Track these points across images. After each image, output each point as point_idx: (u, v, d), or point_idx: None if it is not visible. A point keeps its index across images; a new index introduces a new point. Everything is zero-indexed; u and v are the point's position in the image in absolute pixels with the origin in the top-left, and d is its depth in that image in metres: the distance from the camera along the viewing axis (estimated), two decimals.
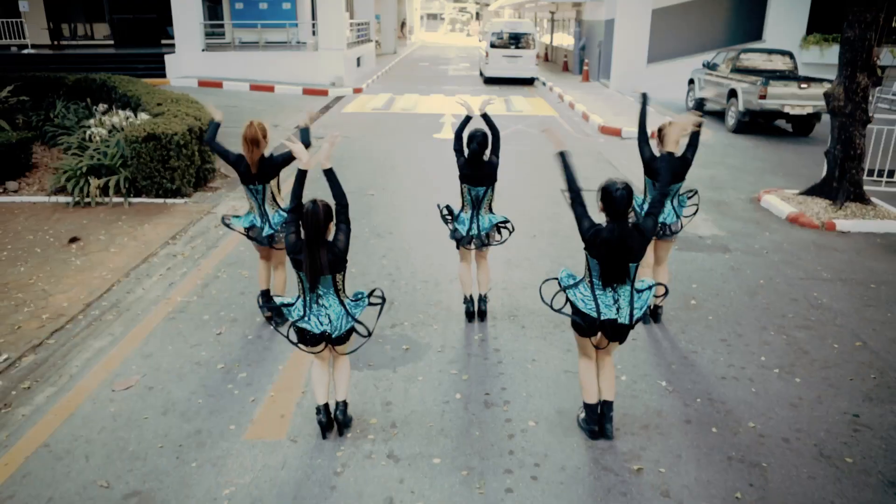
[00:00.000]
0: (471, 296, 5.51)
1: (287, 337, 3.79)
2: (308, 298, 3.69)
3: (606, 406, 3.98)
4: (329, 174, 3.72)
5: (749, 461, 3.83)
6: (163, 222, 8.08)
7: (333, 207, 3.69)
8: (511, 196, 8.70)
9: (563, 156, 3.75)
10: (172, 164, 8.77)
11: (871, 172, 9.62)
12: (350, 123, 14.52)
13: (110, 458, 3.85)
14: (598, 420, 3.96)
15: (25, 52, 20.87)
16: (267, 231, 5.20)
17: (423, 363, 4.89)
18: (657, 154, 4.94)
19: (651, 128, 5.34)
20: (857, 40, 7.91)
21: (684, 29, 21.05)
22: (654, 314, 5.52)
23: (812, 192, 8.77)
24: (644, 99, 5.33)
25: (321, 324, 3.67)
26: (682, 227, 5.29)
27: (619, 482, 3.66)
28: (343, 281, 3.75)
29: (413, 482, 3.65)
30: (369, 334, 3.81)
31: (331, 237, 3.65)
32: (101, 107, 11.43)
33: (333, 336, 3.70)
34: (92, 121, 10.16)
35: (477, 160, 5.01)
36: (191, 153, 9.07)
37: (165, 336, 5.31)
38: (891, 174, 9.49)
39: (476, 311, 5.54)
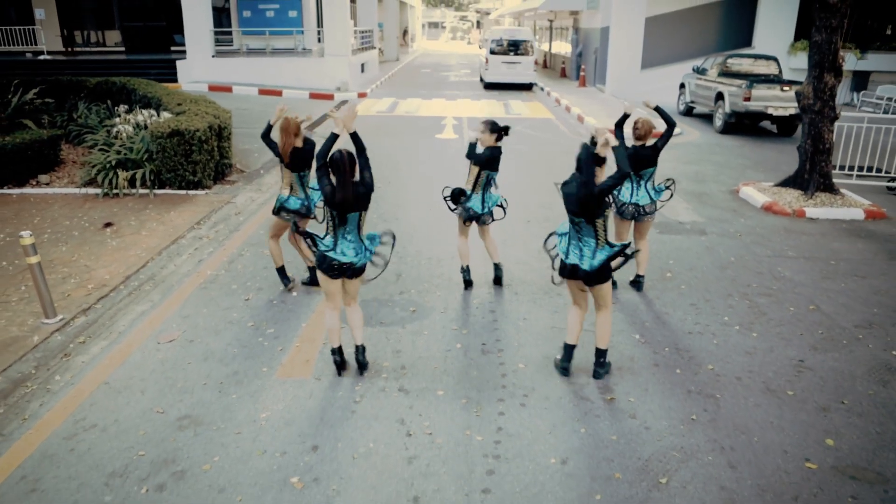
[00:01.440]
0: (467, 266, 6.22)
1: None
2: (337, 233, 4.38)
3: (598, 352, 4.67)
4: (354, 136, 4.44)
5: (705, 393, 4.52)
6: (187, 210, 8.78)
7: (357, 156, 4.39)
8: (509, 188, 9.41)
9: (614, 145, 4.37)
10: (195, 158, 9.48)
11: (843, 167, 10.35)
12: (355, 125, 15.22)
13: (162, 392, 4.54)
14: (569, 358, 4.67)
15: (41, 58, 21.65)
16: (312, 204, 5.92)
17: (428, 321, 5.59)
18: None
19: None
20: (823, 43, 8.63)
21: (677, 36, 21.82)
22: (635, 283, 6.22)
23: (786, 183, 9.47)
24: (658, 110, 6.02)
25: (345, 255, 4.37)
26: (656, 208, 5.99)
27: (594, 408, 4.34)
28: (363, 221, 4.44)
29: (421, 408, 4.34)
30: (385, 265, 4.52)
31: (357, 178, 4.36)
32: (123, 107, 12.14)
33: (356, 265, 4.38)
34: (118, 119, 10.87)
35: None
36: (211, 148, 9.79)
37: (199, 301, 6.00)
38: (861, 169, 10.20)
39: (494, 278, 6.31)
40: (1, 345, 5.19)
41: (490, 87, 24.43)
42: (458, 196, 5.98)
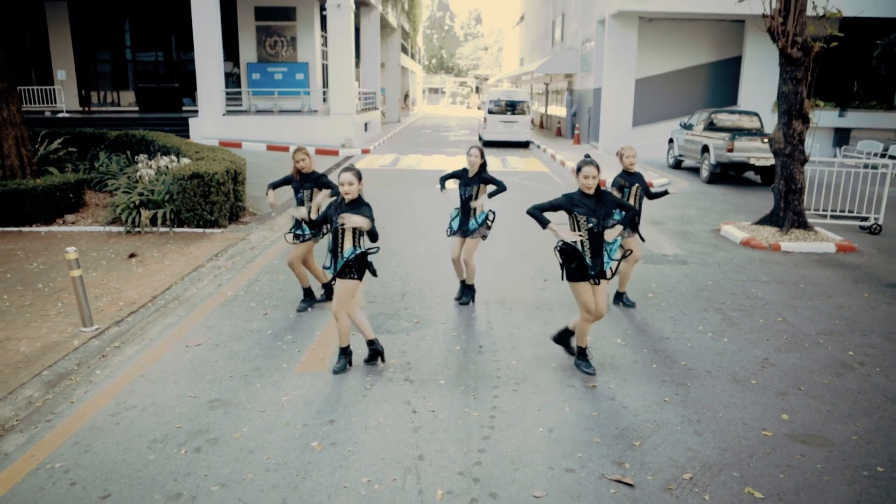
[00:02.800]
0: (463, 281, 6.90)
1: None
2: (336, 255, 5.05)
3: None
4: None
5: (678, 382, 5.07)
6: (205, 245, 9.44)
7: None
8: (506, 227, 10.12)
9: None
10: (212, 199, 10.21)
11: (818, 210, 11.09)
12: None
13: (193, 382, 5.09)
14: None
15: (60, 115, 22.77)
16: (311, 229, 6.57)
17: (430, 330, 6.17)
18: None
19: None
20: (790, 94, 9.49)
21: (666, 95, 23.04)
22: (618, 297, 6.83)
23: (763, 221, 10.17)
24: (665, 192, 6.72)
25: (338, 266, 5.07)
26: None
27: (579, 392, 4.89)
28: (361, 239, 5.06)
29: (424, 392, 4.88)
30: (377, 249, 5.13)
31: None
32: (143, 156, 12.98)
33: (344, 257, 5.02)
34: (140, 164, 11.66)
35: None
36: (227, 190, 10.53)
37: (222, 315, 6.59)
38: (834, 212, 10.96)
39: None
40: (44, 348, 5.75)
41: (488, 144, 25.49)
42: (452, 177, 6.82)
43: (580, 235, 4.89)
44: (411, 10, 36.29)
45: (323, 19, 24.53)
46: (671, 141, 19.09)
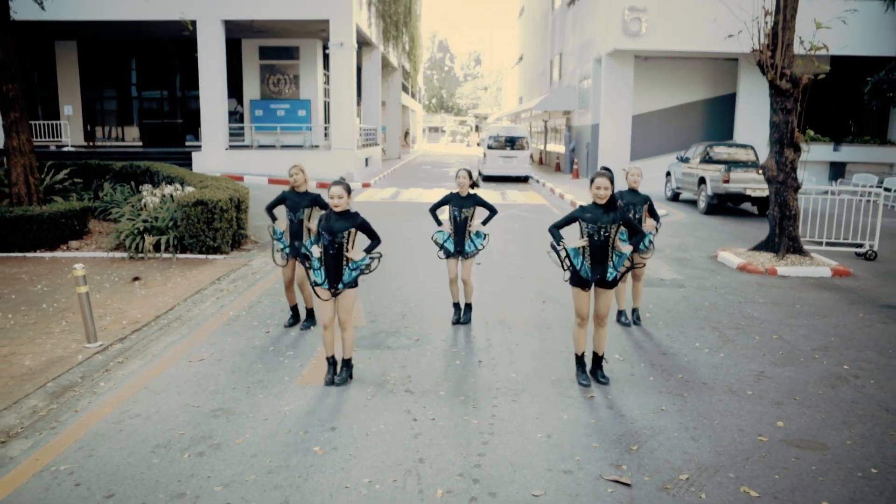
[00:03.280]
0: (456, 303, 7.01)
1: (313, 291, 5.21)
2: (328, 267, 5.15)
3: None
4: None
5: (675, 393, 5.13)
6: (208, 270, 9.56)
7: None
8: (507, 255, 10.25)
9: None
10: (215, 226, 10.36)
11: (812, 238, 11.25)
12: (361, 209, 16.35)
13: (196, 393, 5.15)
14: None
15: (65, 149, 23.13)
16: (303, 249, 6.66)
17: (430, 346, 6.25)
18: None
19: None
20: (781, 123, 9.73)
21: (663, 131, 23.44)
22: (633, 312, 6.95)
23: (759, 248, 10.31)
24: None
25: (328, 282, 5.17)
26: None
27: (577, 402, 4.95)
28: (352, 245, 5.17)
29: (424, 402, 4.95)
30: (380, 256, 5.29)
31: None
32: (147, 186, 13.18)
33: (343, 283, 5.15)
34: (145, 192, 11.85)
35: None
36: (230, 217, 10.70)
37: (225, 333, 6.67)
38: (830, 241, 11.13)
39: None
40: (49, 362, 5.82)
41: (488, 179, 25.78)
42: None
43: (583, 242, 5.03)
44: (412, 51, 37.05)
45: (325, 58, 25.07)
46: (668, 174, 19.36)
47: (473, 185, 6.81)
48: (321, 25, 22.56)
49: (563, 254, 5.12)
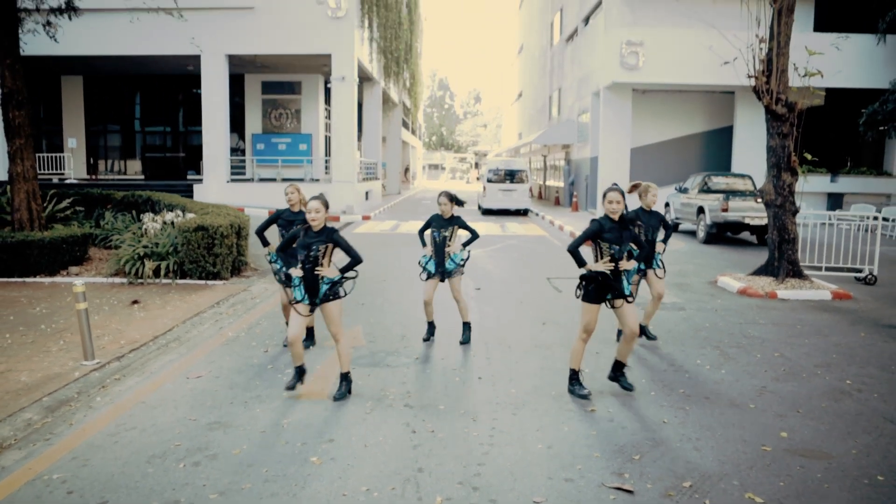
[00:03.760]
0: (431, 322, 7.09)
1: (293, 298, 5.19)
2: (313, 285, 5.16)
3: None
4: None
5: (676, 407, 5.08)
6: (207, 294, 9.54)
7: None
8: (506, 282, 10.25)
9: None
10: (216, 251, 10.38)
11: (812, 264, 11.26)
12: (361, 240, 16.41)
13: (193, 407, 5.10)
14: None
15: (68, 181, 23.28)
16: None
17: (430, 364, 6.20)
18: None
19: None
20: (778, 147, 9.82)
21: (662, 163, 23.63)
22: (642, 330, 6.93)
23: (759, 272, 10.31)
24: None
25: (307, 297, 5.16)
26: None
27: (577, 415, 4.90)
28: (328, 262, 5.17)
29: (424, 416, 4.89)
30: (355, 276, 5.25)
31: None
32: (149, 214, 13.25)
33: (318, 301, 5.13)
34: (146, 219, 11.90)
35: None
36: (231, 244, 10.72)
37: (223, 352, 6.63)
38: (829, 265, 11.13)
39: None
40: (45, 378, 5.78)
41: (487, 213, 25.86)
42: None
43: (606, 266, 5.04)
44: (412, 87, 37.61)
45: (327, 92, 25.44)
46: (667, 205, 19.45)
47: (459, 204, 6.87)
48: (323, 60, 22.94)
49: (582, 283, 5.18)
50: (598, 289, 5.16)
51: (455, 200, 6.84)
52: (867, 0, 21.14)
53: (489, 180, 25.70)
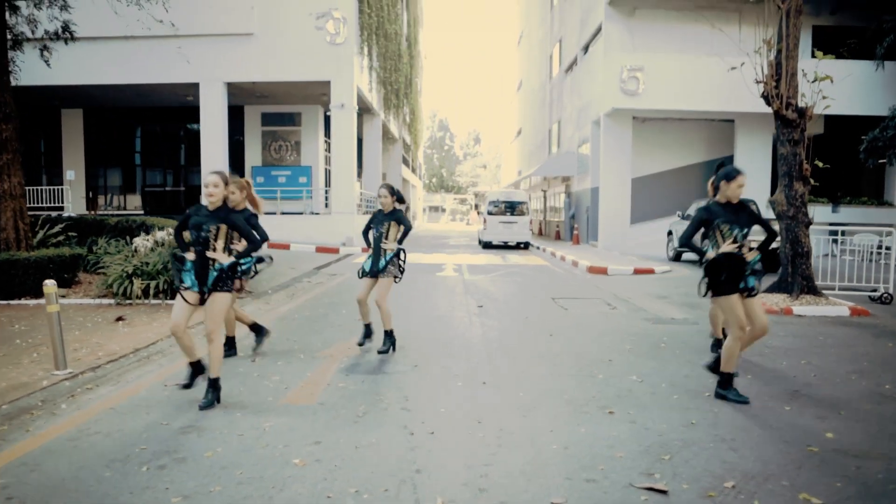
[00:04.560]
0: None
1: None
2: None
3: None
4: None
5: (703, 409, 4.57)
6: (197, 313, 9.03)
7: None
8: (508, 302, 9.79)
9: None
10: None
11: (825, 283, 10.82)
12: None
13: (166, 413, 4.59)
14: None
15: (65, 215, 22.94)
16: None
17: (429, 371, 5.70)
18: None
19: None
20: (789, 155, 9.46)
21: (663, 193, 23.32)
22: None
23: (772, 289, 9.84)
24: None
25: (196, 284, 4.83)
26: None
27: (595, 417, 4.39)
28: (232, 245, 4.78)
29: (423, 418, 4.38)
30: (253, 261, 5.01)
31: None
32: (141, 234, 12.84)
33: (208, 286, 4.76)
34: (137, 239, 11.48)
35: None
36: None
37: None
38: (842, 283, 10.70)
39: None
40: (10, 387, 5.27)
41: (487, 246, 25.43)
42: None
43: (731, 247, 4.58)
44: (412, 124, 37.69)
45: (327, 124, 25.33)
46: (670, 233, 19.07)
47: (401, 201, 6.72)
48: (323, 90, 22.84)
49: (708, 275, 4.75)
50: (731, 276, 4.61)
51: (396, 195, 6.65)
52: (863, 28, 21.17)
53: (489, 212, 25.32)
